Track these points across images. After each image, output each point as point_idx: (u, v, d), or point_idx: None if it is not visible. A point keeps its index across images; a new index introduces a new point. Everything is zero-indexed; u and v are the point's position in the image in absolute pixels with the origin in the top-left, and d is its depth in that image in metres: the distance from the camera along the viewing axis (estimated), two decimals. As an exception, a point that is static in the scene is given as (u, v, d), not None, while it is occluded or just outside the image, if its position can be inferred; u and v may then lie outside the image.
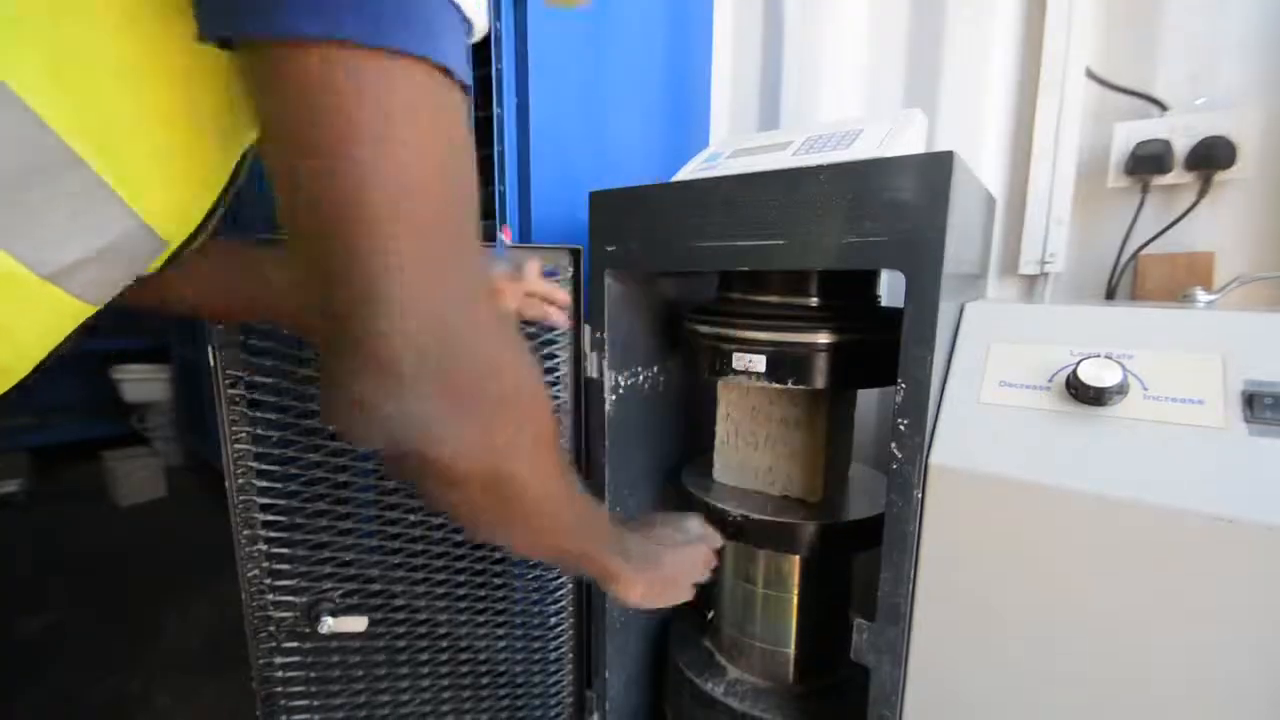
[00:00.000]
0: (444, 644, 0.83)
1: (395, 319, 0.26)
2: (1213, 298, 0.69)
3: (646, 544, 0.54)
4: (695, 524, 0.63)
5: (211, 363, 0.67)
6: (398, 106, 0.24)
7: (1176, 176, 0.85)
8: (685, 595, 0.57)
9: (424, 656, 0.82)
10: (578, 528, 0.43)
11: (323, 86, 0.23)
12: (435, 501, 0.33)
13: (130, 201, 0.30)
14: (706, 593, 0.84)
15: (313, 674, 0.75)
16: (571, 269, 0.83)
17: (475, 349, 0.29)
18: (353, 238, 0.24)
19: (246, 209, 0.64)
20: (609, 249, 0.76)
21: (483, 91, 0.84)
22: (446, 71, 0.25)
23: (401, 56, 0.24)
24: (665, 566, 0.54)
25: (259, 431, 0.69)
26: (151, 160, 0.30)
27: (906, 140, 0.68)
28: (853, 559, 0.81)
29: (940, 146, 0.82)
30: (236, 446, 0.69)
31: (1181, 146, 0.83)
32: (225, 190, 0.37)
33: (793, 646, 0.79)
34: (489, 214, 0.85)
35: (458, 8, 0.26)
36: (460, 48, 0.26)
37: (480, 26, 0.28)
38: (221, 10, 0.24)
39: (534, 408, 0.33)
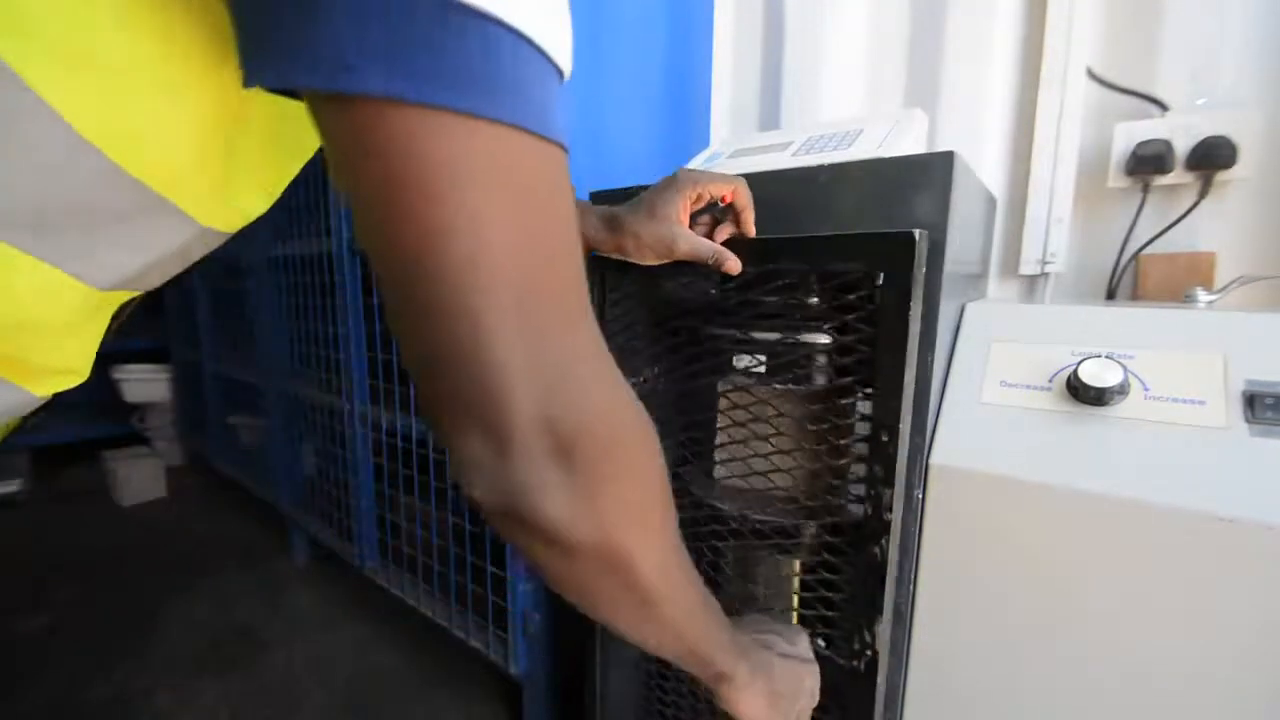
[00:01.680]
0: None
1: (497, 381, 0.25)
2: (1214, 298, 0.69)
3: (757, 648, 0.48)
4: (805, 641, 0.56)
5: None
6: (482, 171, 0.22)
7: (1177, 176, 0.84)
8: (800, 713, 0.50)
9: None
10: (697, 620, 0.39)
11: (399, 150, 0.21)
12: (546, 573, 0.31)
13: (194, 215, 0.30)
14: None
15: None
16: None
17: (588, 413, 0.27)
18: (445, 311, 0.23)
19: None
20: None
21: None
22: (538, 132, 0.24)
23: (487, 121, 0.22)
24: (776, 679, 0.47)
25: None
26: (208, 180, 0.29)
27: (907, 140, 0.68)
28: (853, 559, 0.81)
29: (941, 146, 0.82)
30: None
31: (1182, 146, 0.83)
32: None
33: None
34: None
35: (548, 58, 0.23)
36: (552, 101, 0.24)
37: (569, 70, 0.25)
38: (273, 58, 0.21)
39: (648, 479, 0.31)
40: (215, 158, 0.29)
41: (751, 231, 0.60)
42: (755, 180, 0.66)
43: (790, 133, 0.80)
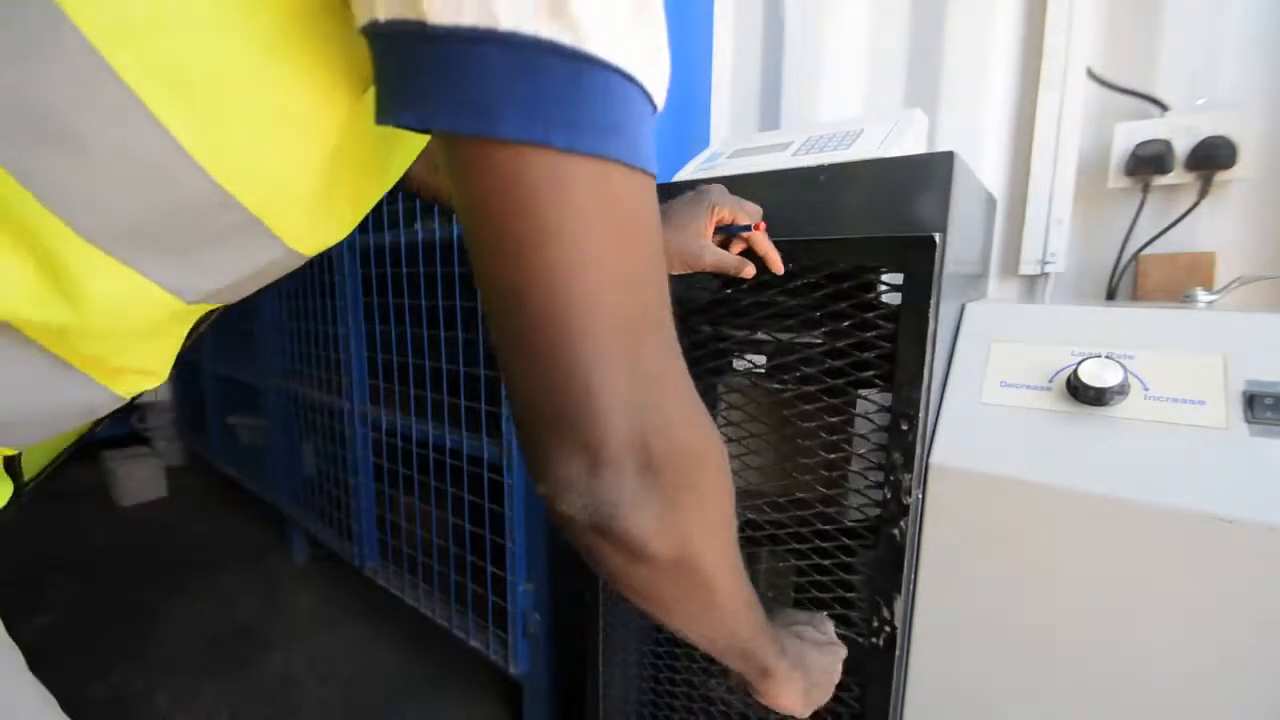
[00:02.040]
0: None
1: (594, 405, 0.26)
2: (1213, 298, 0.69)
3: (793, 640, 0.50)
4: (830, 626, 0.59)
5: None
6: (588, 207, 0.24)
7: (1177, 177, 0.84)
8: (827, 698, 0.52)
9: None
10: (748, 617, 0.41)
11: (517, 187, 0.23)
12: (623, 580, 0.32)
13: (283, 237, 0.31)
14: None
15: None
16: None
17: (674, 433, 0.29)
18: (544, 330, 0.25)
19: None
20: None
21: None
22: (637, 165, 0.25)
23: (596, 159, 0.23)
24: (814, 670, 0.49)
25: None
26: (303, 205, 0.30)
27: (907, 140, 0.68)
28: (853, 559, 0.81)
29: (940, 146, 0.82)
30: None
31: (1182, 147, 0.83)
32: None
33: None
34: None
35: (651, 99, 0.25)
36: (649, 134, 0.26)
37: (663, 103, 0.27)
38: (416, 101, 0.23)
39: (722, 493, 0.33)
40: (313, 185, 0.29)
41: (780, 269, 0.62)
42: (755, 180, 0.66)
43: (790, 133, 0.80)
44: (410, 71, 0.22)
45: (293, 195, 0.29)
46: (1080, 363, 0.54)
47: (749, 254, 0.63)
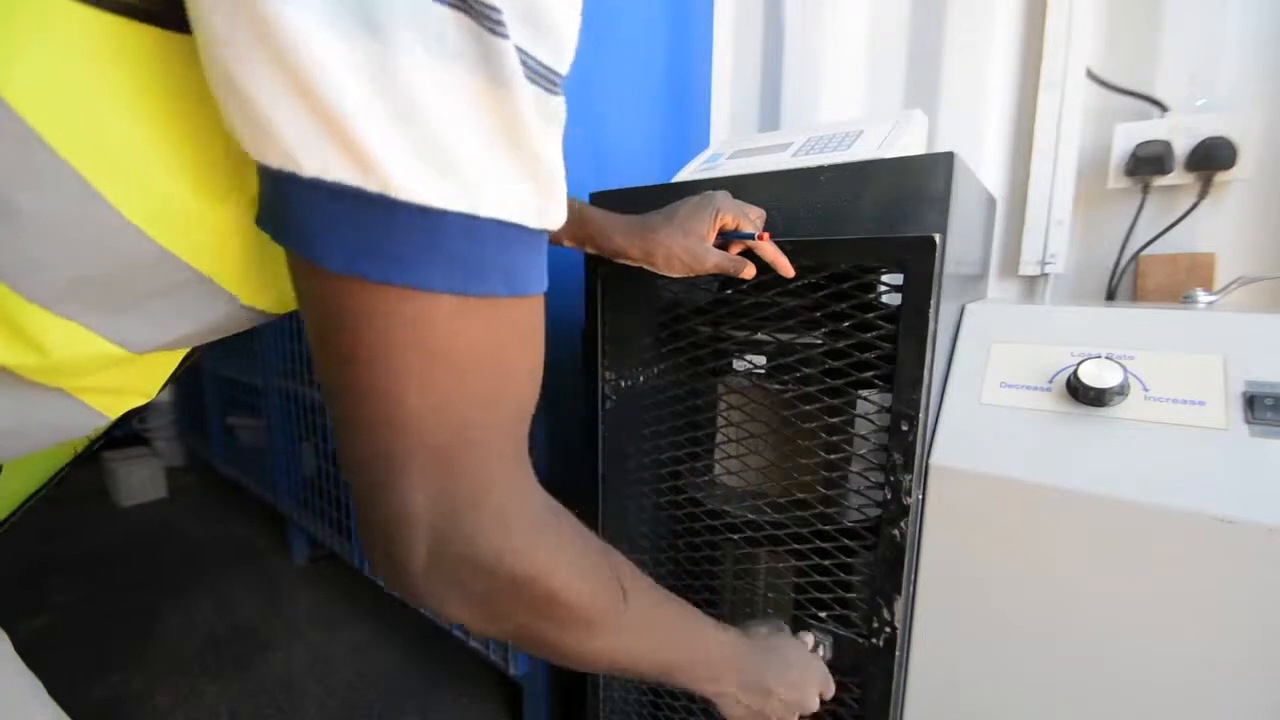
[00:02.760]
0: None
1: (394, 512, 0.27)
2: (1213, 298, 0.69)
3: (758, 654, 0.51)
4: (807, 641, 0.62)
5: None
6: (398, 332, 0.24)
7: (1177, 177, 0.85)
8: (813, 706, 0.54)
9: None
10: (665, 657, 0.42)
11: (337, 308, 0.24)
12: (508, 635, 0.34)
13: (236, 293, 0.30)
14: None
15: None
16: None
17: (479, 559, 0.29)
18: (354, 429, 0.26)
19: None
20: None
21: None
22: (474, 293, 0.25)
23: (410, 290, 0.24)
24: (775, 690, 0.50)
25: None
26: (252, 262, 0.30)
27: (907, 141, 0.68)
28: (853, 560, 0.81)
29: (940, 147, 0.82)
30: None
31: (1182, 147, 0.83)
32: None
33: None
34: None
35: (505, 225, 0.25)
36: (508, 257, 0.25)
37: (557, 221, 0.27)
38: (264, 216, 0.25)
39: (551, 608, 0.32)
40: (259, 244, 0.29)
41: (790, 273, 0.63)
42: (755, 181, 0.66)
43: (790, 133, 0.80)
44: (262, 193, 0.24)
45: (236, 252, 0.29)
46: (1080, 363, 0.54)
47: (752, 256, 0.63)
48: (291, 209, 0.23)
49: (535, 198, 0.25)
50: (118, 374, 0.32)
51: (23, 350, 0.27)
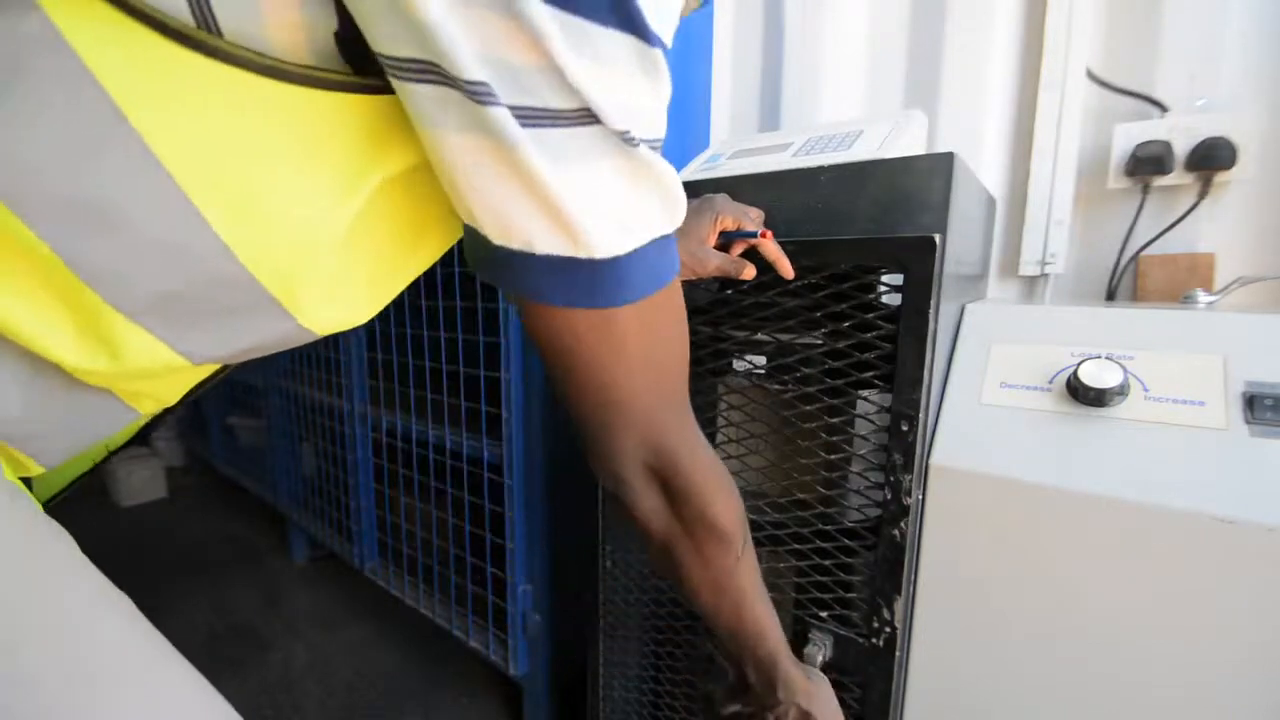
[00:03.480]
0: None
1: (624, 447, 0.39)
2: (1213, 299, 0.69)
3: (805, 672, 0.52)
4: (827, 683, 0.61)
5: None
6: (625, 335, 0.34)
7: (1177, 177, 0.85)
8: None
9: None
10: (762, 612, 0.48)
11: (571, 334, 0.33)
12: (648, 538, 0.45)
13: (296, 316, 0.34)
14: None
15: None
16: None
17: (692, 476, 0.40)
18: (601, 404, 0.37)
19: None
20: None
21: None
22: (652, 291, 0.33)
23: (614, 308, 0.32)
24: (818, 703, 0.50)
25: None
26: (318, 286, 0.33)
27: (907, 141, 0.68)
28: (853, 560, 0.81)
29: (940, 147, 0.82)
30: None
31: (1182, 147, 0.83)
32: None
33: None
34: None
35: (660, 235, 0.32)
36: (660, 255, 0.33)
37: (682, 215, 0.34)
38: (492, 273, 0.32)
39: (727, 505, 0.43)
40: (331, 273, 0.33)
41: (790, 274, 0.63)
42: (755, 181, 0.66)
43: (790, 134, 0.80)
44: (485, 256, 0.31)
45: (307, 279, 0.32)
46: (1080, 363, 0.54)
47: (753, 257, 0.64)
48: (518, 272, 0.30)
49: (664, 212, 0.32)
50: (162, 381, 0.36)
51: (97, 354, 0.30)
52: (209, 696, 0.36)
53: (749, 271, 0.63)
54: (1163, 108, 0.87)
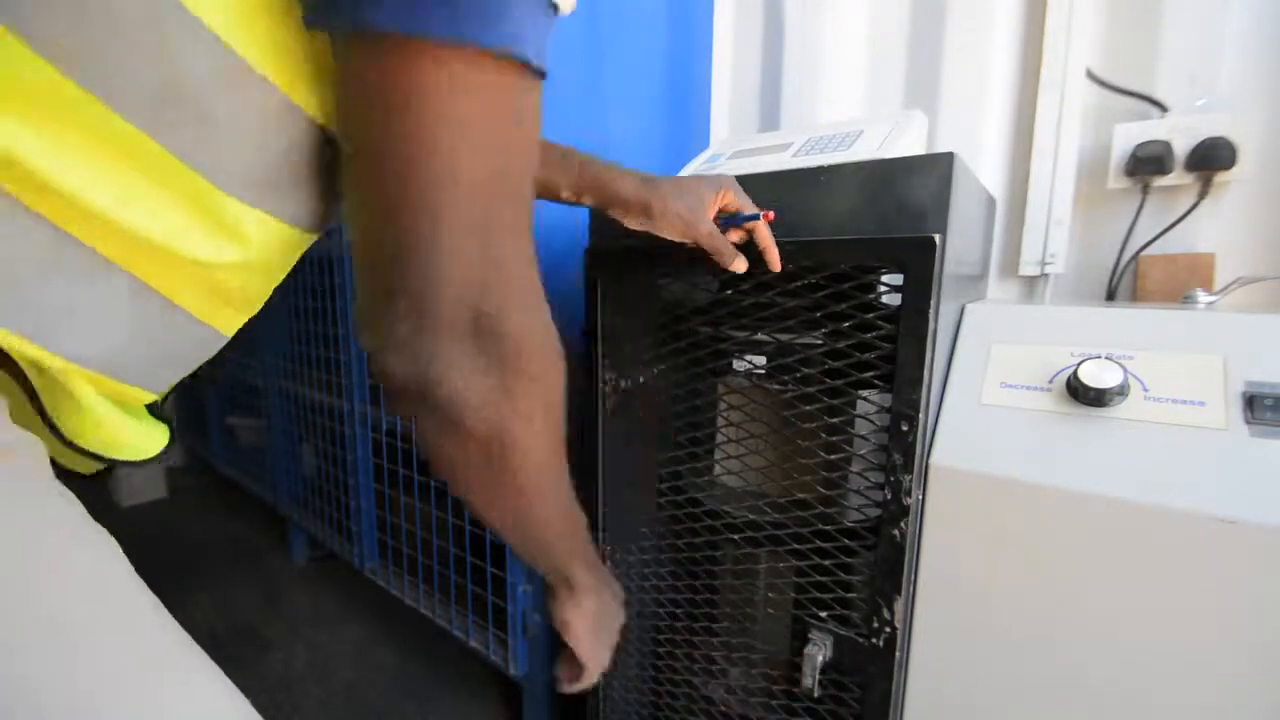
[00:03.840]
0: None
1: (441, 273, 0.29)
2: (1213, 299, 0.69)
3: (607, 578, 0.52)
4: (619, 588, 0.60)
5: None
6: (461, 98, 0.27)
7: (1177, 177, 0.85)
8: (610, 644, 0.54)
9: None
10: (565, 523, 0.43)
11: (392, 77, 0.26)
12: (432, 450, 0.35)
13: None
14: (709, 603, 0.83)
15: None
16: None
17: (510, 316, 0.31)
18: (408, 205, 0.28)
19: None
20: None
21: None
22: (519, 60, 0.28)
23: (473, 50, 0.26)
24: (607, 609, 0.52)
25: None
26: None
27: (907, 141, 0.68)
28: (853, 560, 0.81)
29: (940, 147, 0.82)
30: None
31: (1182, 147, 0.83)
32: None
33: (791, 650, 0.79)
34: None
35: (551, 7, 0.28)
36: (538, 31, 0.28)
37: (569, 4, 0.29)
38: (313, 6, 0.28)
39: (551, 387, 0.35)
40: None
41: (777, 267, 0.62)
42: (755, 181, 0.66)
43: (790, 134, 0.80)
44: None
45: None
46: (1080, 364, 0.54)
47: (746, 250, 0.63)
48: None
49: None
50: (259, 275, 0.36)
51: (226, 241, 0.31)
52: (236, 697, 0.38)
53: (740, 264, 0.61)
54: (1163, 108, 0.87)
